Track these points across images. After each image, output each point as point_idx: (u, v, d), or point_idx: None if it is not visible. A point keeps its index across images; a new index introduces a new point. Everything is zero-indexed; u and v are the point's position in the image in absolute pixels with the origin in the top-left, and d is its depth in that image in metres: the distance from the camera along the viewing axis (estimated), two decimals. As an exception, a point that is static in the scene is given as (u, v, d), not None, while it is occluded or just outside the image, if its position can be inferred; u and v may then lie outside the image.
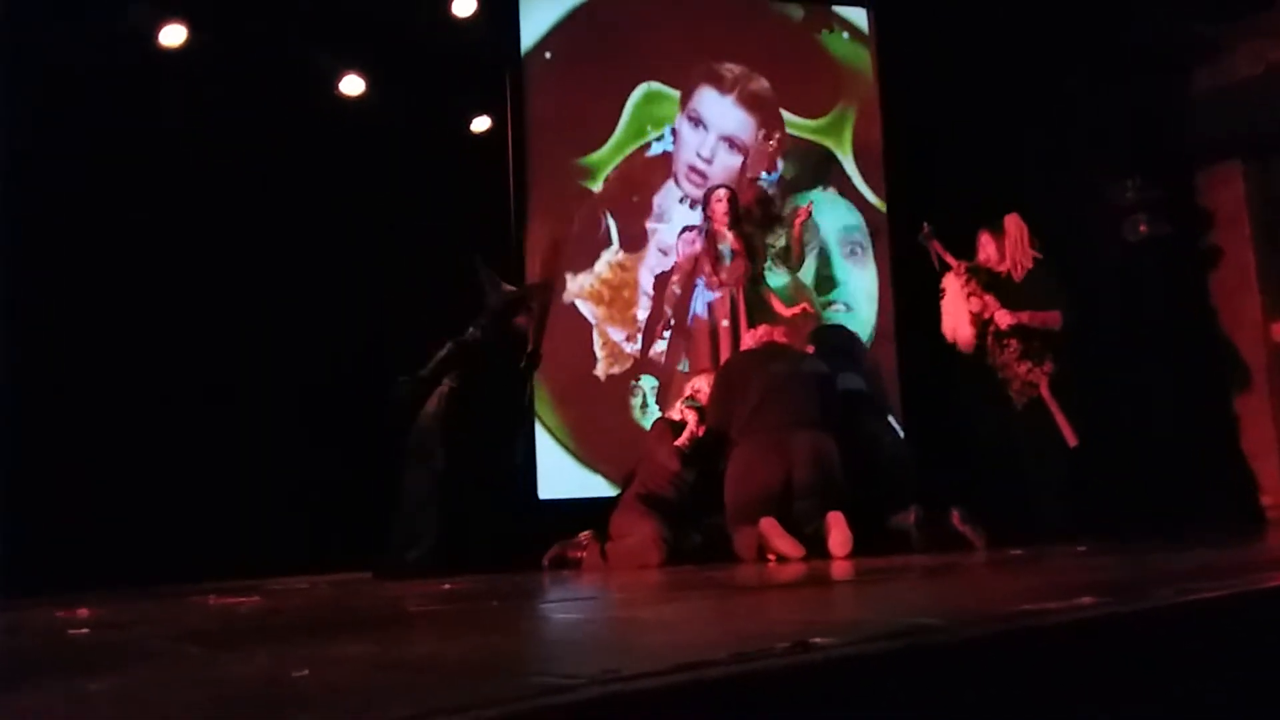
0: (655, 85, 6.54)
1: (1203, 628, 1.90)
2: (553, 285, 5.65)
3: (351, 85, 5.84)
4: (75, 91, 5.18)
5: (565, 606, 2.99)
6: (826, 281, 6.67)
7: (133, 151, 5.21)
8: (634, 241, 6.33)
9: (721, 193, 5.86)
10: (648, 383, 6.22)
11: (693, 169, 6.45)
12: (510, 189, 6.15)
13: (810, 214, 6.05)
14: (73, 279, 5.09)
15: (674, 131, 6.46)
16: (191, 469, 5.06)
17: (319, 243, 5.45)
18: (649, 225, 6.36)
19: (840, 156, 6.82)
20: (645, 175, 6.42)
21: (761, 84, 6.64)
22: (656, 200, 6.39)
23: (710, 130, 6.51)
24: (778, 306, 5.84)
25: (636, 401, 6.21)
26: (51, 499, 4.83)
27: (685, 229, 6.19)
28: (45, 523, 4.79)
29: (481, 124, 6.22)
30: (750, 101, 6.63)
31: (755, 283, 5.83)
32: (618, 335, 6.23)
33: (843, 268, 6.70)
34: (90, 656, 2.22)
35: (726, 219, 5.79)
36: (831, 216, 6.72)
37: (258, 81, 5.45)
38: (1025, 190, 6.02)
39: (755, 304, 5.78)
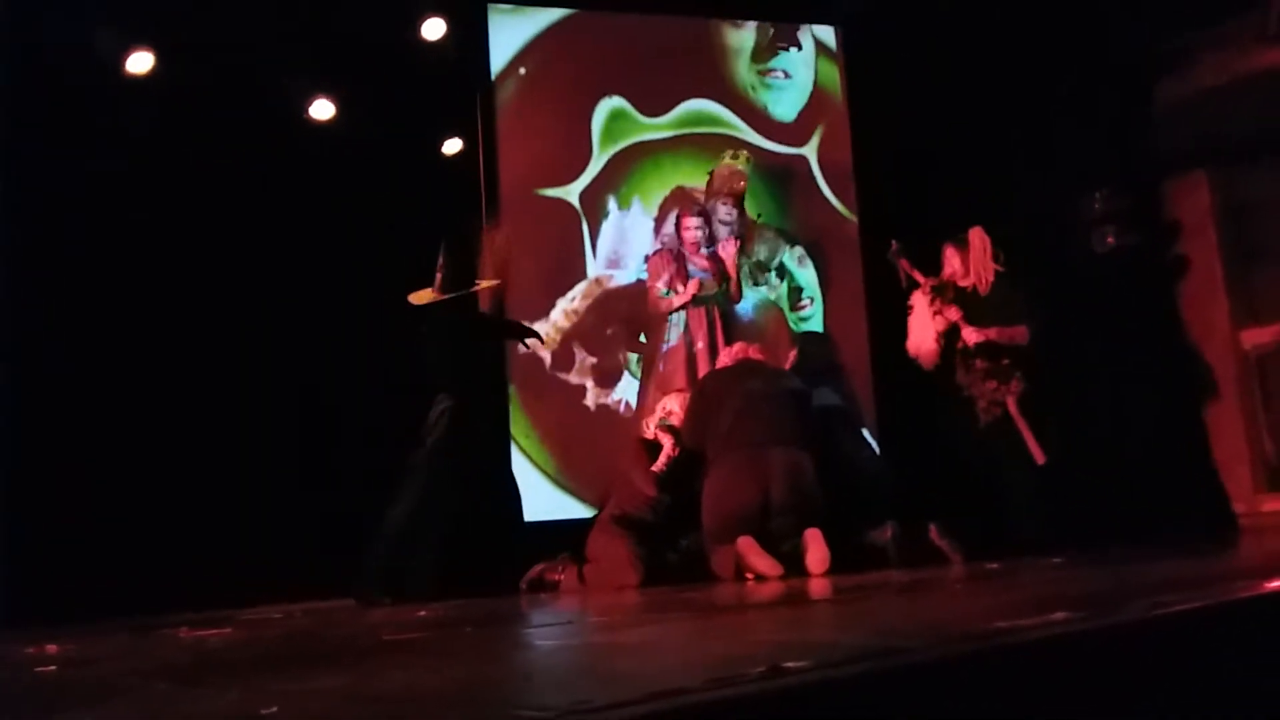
0: (618, 101, 6.51)
1: (1176, 641, 1.91)
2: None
3: (321, 109, 5.82)
4: (47, 115, 5.16)
5: (541, 632, 2.97)
6: (767, 52, 6.90)
7: (99, 179, 5.17)
8: (609, 377, 6.24)
9: (694, 220, 5.85)
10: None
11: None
12: (482, 210, 6.14)
13: (738, 248, 5.99)
14: (35, 309, 5.05)
15: (647, 259, 6.26)
16: (162, 499, 5.01)
17: (289, 269, 5.42)
18: (622, 357, 6.27)
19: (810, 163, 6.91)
20: (617, 305, 6.28)
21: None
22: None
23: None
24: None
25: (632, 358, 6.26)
26: (19, 533, 4.77)
27: (653, 253, 6.15)
28: (13, 558, 4.73)
29: (453, 146, 6.21)
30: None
31: (731, 302, 5.86)
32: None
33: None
34: (58, 695, 2.19)
35: (697, 246, 5.83)
36: None
37: (226, 106, 5.42)
38: (994, 203, 6.06)
39: (731, 323, 5.80)
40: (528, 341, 5.42)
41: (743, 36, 6.85)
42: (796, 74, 6.92)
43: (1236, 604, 2.09)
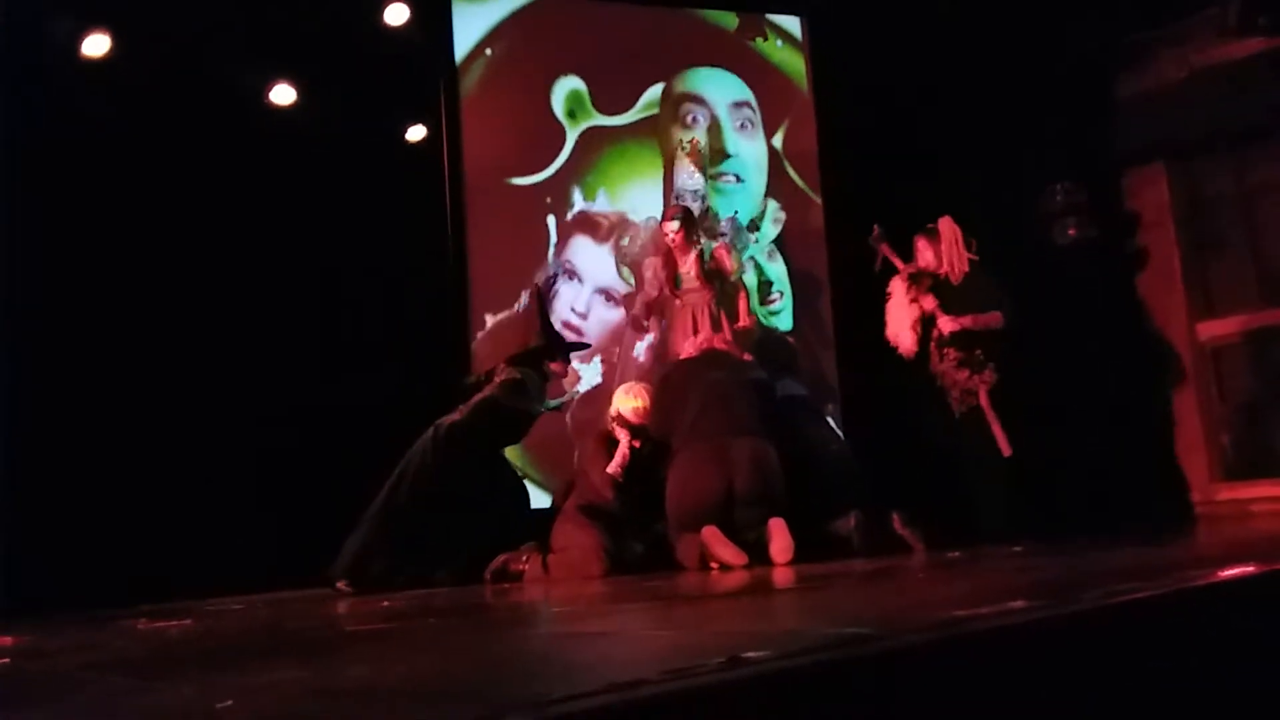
0: (579, 83, 6.46)
1: (1132, 628, 1.93)
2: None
3: (282, 94, 5.75)
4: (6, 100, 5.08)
5: (503, 623, 2.96)
6: (718, 155, 6.73)
7: (54, 165, 5.09)
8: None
9: (673, 224, 5.78)
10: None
11: (566, 324, 6.06)
12: (446, 197, 6.09)
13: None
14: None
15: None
16: (122, 489, 4.94)
17: (249, 256, 5.36)
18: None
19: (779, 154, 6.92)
20: (516, 336, 5.96)
21: (638, 229, 6.36)
22: None
23: (586, 282, 6.19)
24: (742, 309, 5.83)
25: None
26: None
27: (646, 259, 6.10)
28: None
29: (417, 133, 6.16)
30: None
31: (724, 299, 5.79)
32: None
33: (734, 141, 6.78)
34: (12, 688, 2.15)
35: (680, 245, 5.76)
36: (722, 90, 6.77)
37: (185, 91, 5.34)
38: (957, 195, 6.10)
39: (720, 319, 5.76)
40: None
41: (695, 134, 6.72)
42: (749, 178, 6.77)
43: (1191, 592, 2.12)
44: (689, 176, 6.50)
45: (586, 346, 5.81)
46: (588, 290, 6.22)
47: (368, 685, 1.71)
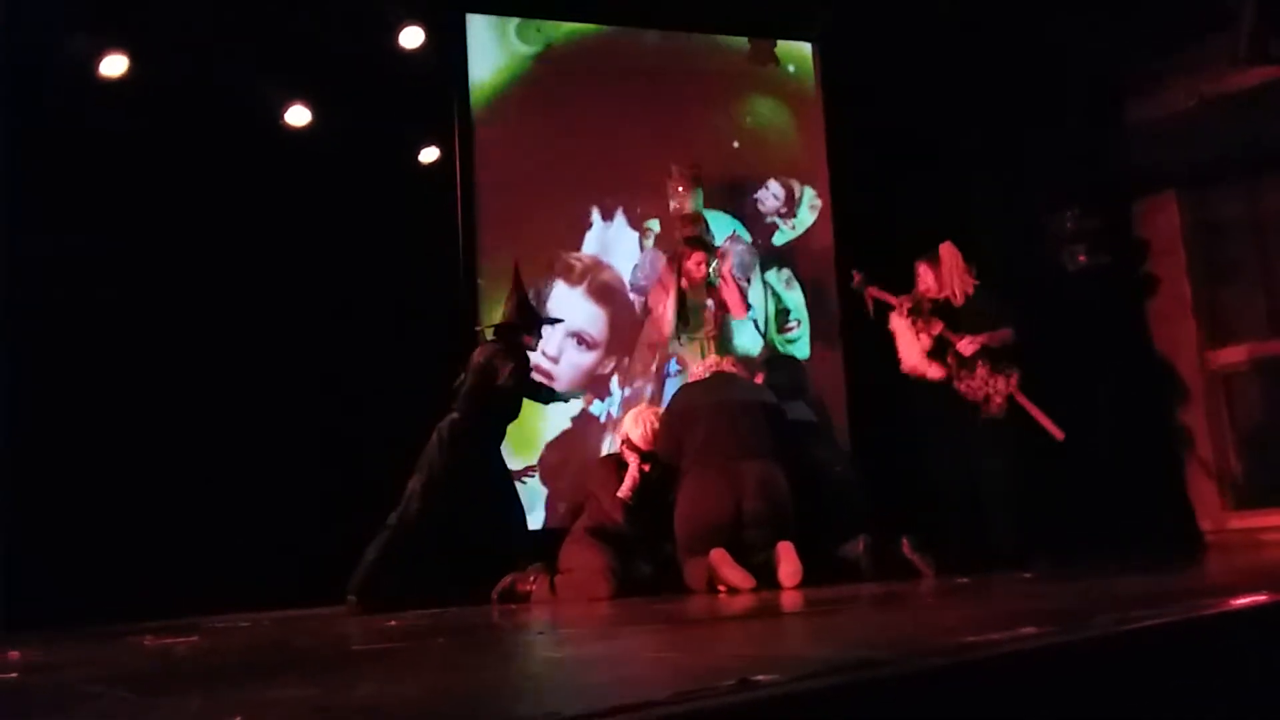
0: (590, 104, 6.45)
1: (1142, 655, 1.92)
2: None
3: (297, 115, 5.79)
4: (25, 118, 5.13)
5: (511, 643, 2.95)
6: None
7: (69, 187, 5.13)
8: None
9: (699, 255, 5.74)
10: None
11: (536, 368, 5.78)
12: (459, 219, 6.12)
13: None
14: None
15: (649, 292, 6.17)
16: (130, 507, 4.96)
17: (262, 272, 5.39)
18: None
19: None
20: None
21: (612, 273, 6.38)
22: None
23: (558, 326, 6.02)
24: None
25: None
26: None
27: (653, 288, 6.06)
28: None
29: (430, 153, 6.20)
30: (600, 293, 6.34)
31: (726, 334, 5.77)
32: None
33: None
34: (16, 702, 2.15)
35: (704, 278, 5.70)
36: (718, 232, 6.67)
37: (202, 112, 5.39)
38: (970, 220, 6.11)
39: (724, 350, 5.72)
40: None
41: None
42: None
43: (1203, 620, 2.11)
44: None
45: (560, 320, 5.79)
46: (559, 333, 6.11)
47: (373, 704, 1.70)
